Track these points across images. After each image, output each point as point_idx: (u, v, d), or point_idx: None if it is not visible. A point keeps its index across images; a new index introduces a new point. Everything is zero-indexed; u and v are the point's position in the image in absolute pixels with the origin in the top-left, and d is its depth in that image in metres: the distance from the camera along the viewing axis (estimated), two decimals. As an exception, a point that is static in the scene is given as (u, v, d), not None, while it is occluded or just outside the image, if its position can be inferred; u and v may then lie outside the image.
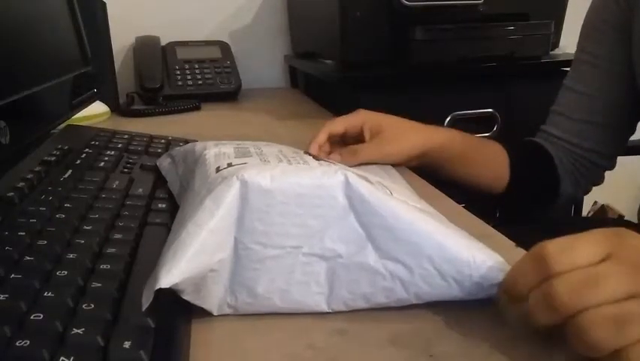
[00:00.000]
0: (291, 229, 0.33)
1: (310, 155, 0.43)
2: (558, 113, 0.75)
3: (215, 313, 0.34)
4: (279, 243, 0.33)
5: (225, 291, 0.34)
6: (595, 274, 0.28)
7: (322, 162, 0.40)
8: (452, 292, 0.34)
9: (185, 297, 0.32)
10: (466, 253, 0.34)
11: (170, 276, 0.29)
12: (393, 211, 0.34)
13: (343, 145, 0.63)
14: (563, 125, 0.74)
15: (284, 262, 0.33)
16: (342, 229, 0.34)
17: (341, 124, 0.62)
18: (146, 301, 0.29)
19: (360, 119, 0.62)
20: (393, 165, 0.61)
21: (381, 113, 0.64)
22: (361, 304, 0.35)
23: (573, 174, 0.74)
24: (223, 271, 0.33)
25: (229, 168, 0.36)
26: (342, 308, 0.35)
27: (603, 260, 0.29)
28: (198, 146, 0.45)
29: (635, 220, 0.86)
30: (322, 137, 0.60)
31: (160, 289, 0.29)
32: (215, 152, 0.41)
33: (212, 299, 0.33)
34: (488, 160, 0.71)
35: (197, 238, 0.31)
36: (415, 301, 0.35)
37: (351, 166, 0.53)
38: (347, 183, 0.34)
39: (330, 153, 0.61)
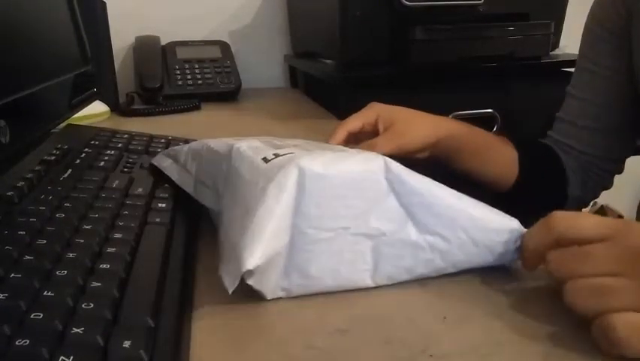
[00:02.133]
0: (341, 211, 0.35)
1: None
2: (563, 120, 0.75)
3: (268, 298, 0.35)
4: (330, 225, 0.35)
5: (280, 274, 0.35)
6: (587, 251, 0.32)
7: (353, 150, 0.41)
8: (484, 257, 0.38)
9: (249, 281, 0.34)
10: (495, 222, 0.38)
11: (253, 258, 0.32)
12: (429, 190, 0.37)
13: (354, 140, 0.63)
14: (568, 132, 0.74)
15: (334, 243, 0.36)
16: (384, 209, 0.36)
17: (358, 120, 0.62)
18: (232, 286, 0.32)
19: (375, 112, 0.63)
20: (406, 157, 0.62)
21: (393, 106, 0.64)
22: (404, 276, 0.38)
23: (582, 177, 0.74)
24: (284, 254, 0.35)
25: (281, 158, 0.37)
26: (386, 282, 0.37)
27: (604, 240, 0.32)
28: (214, 143, 0.46)
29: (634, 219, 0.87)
30: (341, 135, 0.60)
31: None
32: (246, 145, 0.42)
33: (270, 283, 0.35)
34: (497, 154, 0.71)
35: (271, 222, 0.33)
36: (451, 270, 0.38)
37: None
38: (387, 167, 0.36)
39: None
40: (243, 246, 0.33)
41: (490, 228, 0.38)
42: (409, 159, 0.64)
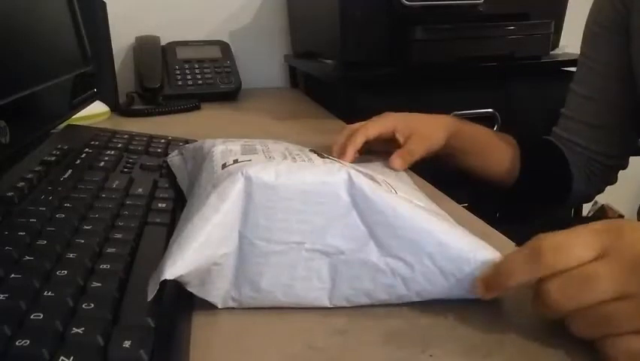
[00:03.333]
0: (294, 225, 0.34)
1: (315, 153, 0.43)
2: (566, 117, 0.76)
3: (219, 307, 0.34)
4: (282, 238, 0.34)
5: (230, 285, 0.34)
6: (586, 276, 0.29)
7: (326, 160, 0.40)
8: (453, 290, 0.34)
9: (190, 289, 0.32)
10: (467, 251, 0.34)
11: (174, 268, 0.30)
12: (394, 209, 0.34)
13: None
14: (570, 128, 0.75)
15: (287, 257, 0.34)
16: (344, 226, 0.34)
17: (376, 129, 0.63)
18: (151, 293, 0.29)
19: (392, 123, 0.64)
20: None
21: (406, 114, 0.65)
22: (363, 300, 0.35)
23: (585, 173, 0.75)
24: (227, 265, 0.33)
25: (234, 165, 0.36)
26: (344, 304, 0.35)
27: (599, 257, 0.30)
28: (207, 143, 0.46)
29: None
30: (360, 141, 0.61)
31: (165, 285, 0.29)
32: (222, 149, 0.41)
33: (217, 292, 0.34)
34: (499, 152, 0.73)
35: (202, 232, 0.32)
36: (416, 299, 0.35)
37: (404, 164, 0.59)
38: (350, 181, 0.34)
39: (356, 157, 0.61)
40: (169, 254, 0.31)
41: (462, 258, 0.34)
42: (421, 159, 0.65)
